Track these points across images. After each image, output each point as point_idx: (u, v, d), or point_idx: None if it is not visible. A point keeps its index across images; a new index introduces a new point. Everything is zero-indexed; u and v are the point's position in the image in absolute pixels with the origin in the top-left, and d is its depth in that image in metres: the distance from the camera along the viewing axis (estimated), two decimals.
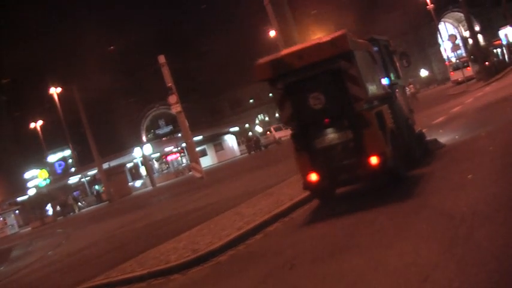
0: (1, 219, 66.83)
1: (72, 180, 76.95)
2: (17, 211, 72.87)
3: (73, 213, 65.64)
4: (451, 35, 65.66)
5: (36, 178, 79.84)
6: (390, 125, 12.00)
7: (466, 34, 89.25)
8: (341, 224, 10.11)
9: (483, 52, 52.97)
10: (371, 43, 13.18)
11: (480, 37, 79.81)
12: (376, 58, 12.98)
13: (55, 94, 64.23)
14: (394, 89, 13.97)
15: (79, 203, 70.11)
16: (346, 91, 11.15)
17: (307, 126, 11.64)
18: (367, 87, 11.42)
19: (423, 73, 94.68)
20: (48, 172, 79.02)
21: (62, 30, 78.67)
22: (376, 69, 12.82)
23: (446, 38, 80.00)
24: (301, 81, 11.51)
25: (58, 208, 65.98)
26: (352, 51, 11.15)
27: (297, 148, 11.81)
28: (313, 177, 11.51)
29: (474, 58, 52.50)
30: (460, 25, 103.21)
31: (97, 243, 21.52)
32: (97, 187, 71.00)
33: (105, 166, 63.58)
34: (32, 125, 76.97)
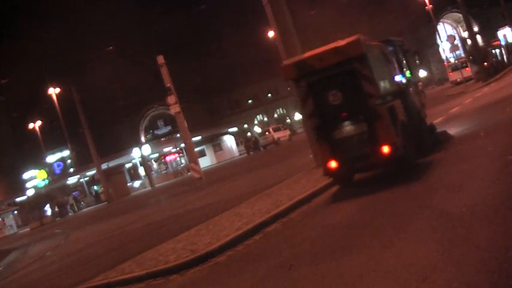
0: (0, 219, 66.80)
1: (71, 180, 76.94)
2: (16, 211, 72.84)
3: (73, 212, 65.65)
4: (450, 36, 65.81)
5: (35, 178, 79.74)
6: (402, 118, 13.25)
7: (465, 35, 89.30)
8: (340, 224, 10.12)
9: (482, 53, 52.93)
10: (386, 43, 14.68)
11: (479, 38, 79.75)
12: (389, 58, 14.32)
13: (54, 94, 64.18)
14: (407, 85, 15.31)
15: (78, 203, 70.07)
16: (360, 89, 12.50)
17: (327, 119, 13.01)
18: (379, 84, 12.82)
19: (422, 73, 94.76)
20: (47, 172, 78.95)
21: (61, 30, 78.71)
22: (389, 67, 14.14)
23: (445, 39, 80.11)
24: (321, 80, 12.94)
25: (56, 209, 65.98)
26: (365, 53, 12.50)
27: (318, 139, 13.36)
28: (332, 164, 12.96)
29: (473, 59, 52.50)
30: (459, 26, 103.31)
31: (96, 243, 21.51)
32: (96, 187, 70.96)
33: (104, 166, 63.55)
34: (31, 126, 76.93)
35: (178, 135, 71.43)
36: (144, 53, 70.47)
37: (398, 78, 14.76)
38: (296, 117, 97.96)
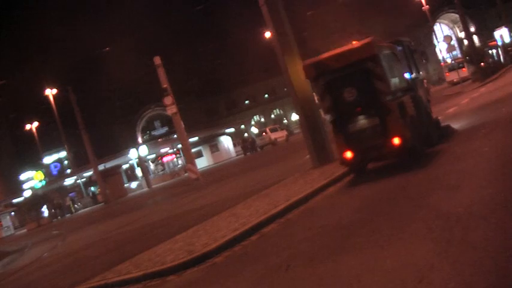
0: None
1: (67, 181, 76.81)
2: (13, 213, 72.70)
3: (70, 214, 65.56)
4: (446, 36, 65.77)
5: (31, 180, 79.65)
6: (411, 113, 14.51)
7: (462, 35, 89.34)
8: (337, 225, 10.12)
9: (478, 53, 53.08)
10: (396, 43, 15.95)
11: (475, 38, 79.93)
12: (399, 57, 15.60)
13: (50, 95, 64.09)
14: (415, 82, 16.48)
15: (75, 205, 69.99)
16: (373, 86, 13.74)
17: (342, 114, 14.28)
18: (390, 82, 14.04)
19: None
20: (43, 174, 78.83)
21: (58, 31, 78.57)
22: (399, 66, 15.40)
23: (441, 39, 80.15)
24: (337, 78, 14.22)
25: (53, 210, 65.88)
26: (377, 54, 13.77)
27: (335, 131, 14.56)
28: (348, 154, 14.25)
29: (469, 59, 52.63)
30: (455, 26, 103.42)
31: (93, 244, 21.50)
32: (93, 188, 70.87)
33: (100, 167, 63.44)
34: (28, 127, 76.82)
35: (175, 136, 71.29)
36: (141, 54, 70.33)
37: (407, 75, 15.95)
38: (293, 117, 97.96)
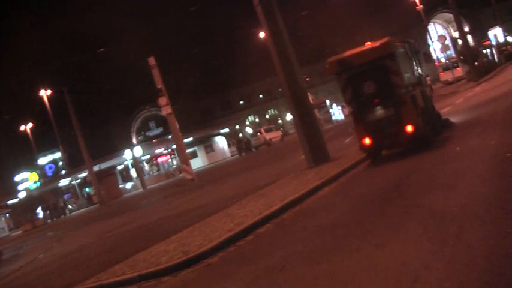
0: None
1: (62, 182, 76.69)
2: (8, 214, 72.66)
3: (64, 215, 65.46)
4: (441, 36, 65.84)
5: (26, 181, 79.63)
6: (421, 104, 16.33)
7: (456, 35, 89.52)
8: (332, 225, 10.12)
9: (473, 53, 53.12)
10: (403, 44, 17.54)
11: (470, 38, 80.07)
12: (410, 55, 17.65)
13: (45, 96, 63.99)
14: (421, 79, 18.73)
15: (69, 206, 69.87)
16: (390, 80, 15.55)
17: (362, 105, 16.04)
18: (404, 77, 16.03)
19: None
20: (38, 175, 78.79)
21: (53, 32, 78.51)
22: (410, 63, 17.62)
23: (435, 39, 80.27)
24: (358, 73, 15.98)
25: (47, 211, 65.79)
26: (394, 52, 15.69)
27: (356, 121, 16.39)
28: (367, 141, 16.08)
29: (464, 59, 52.68)
30: (450, 26, 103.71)
31: (88, 245, 21.43)
32: (88, 190, 70.77)
33: (95, 168, 63.40)
34: (22, 128, 76.70)
35: (170, 136, 71.24)
36: (136, 54, 70.29)
37: (416, 72, 18.08)
38: (287, 117, 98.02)
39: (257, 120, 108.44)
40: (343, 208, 11.43)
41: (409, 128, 15.21)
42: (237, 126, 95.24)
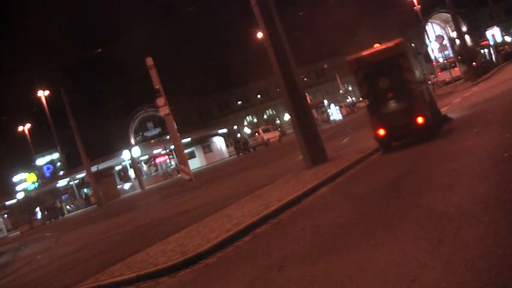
0: None
1: (60, 183, 76.61)
2: (6, 215, 72.55)
3: (62, 216, 65.39)
4: (438, 36, 65.84)
5: (24, 182, 79.51)
6: (428, 99, 18.14)
7: (453, 35, 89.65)
8: (329, 225, 10.11)
9: (470, 52, 53.17)
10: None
11: (467, 38, 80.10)
12: (415, 56, 20.23)
13: (43, 97, 63.95)
14: (426, 77, 22.05)
15: (67, 206, 69.82)
16: (402, 77, 17.34)
17: (377, 99, 17.69)
18: (415, 74, 17.71)
19: None
20: (36, 175, 78.69)
21: (50, 32, 78.43)
22: (416, 63, 19.54)
23: (433, 39, 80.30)
24: (374, 70, 17.58)
25: (45, 212, 65.72)
26: (406, 51, 17.93)
27: (371, 113, 17.97)
28: (381, 132, 17.60)
29: (461, 58, 52.73)
30: (447, 26, 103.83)
31: (86, 246, 21.42)
32: (86, 190, 70.74)
33: (93, 169, 63.36)
34: (20, 128, 76.61)
35: (167, 137, 71.37)
36: (134, 55, 70.26)
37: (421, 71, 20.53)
38: (285, 118, 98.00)
39: (255, 120, 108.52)
40: (341, 208, 11.43)
41: (420, 120, 16.78)
42: (235, 126, 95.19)
